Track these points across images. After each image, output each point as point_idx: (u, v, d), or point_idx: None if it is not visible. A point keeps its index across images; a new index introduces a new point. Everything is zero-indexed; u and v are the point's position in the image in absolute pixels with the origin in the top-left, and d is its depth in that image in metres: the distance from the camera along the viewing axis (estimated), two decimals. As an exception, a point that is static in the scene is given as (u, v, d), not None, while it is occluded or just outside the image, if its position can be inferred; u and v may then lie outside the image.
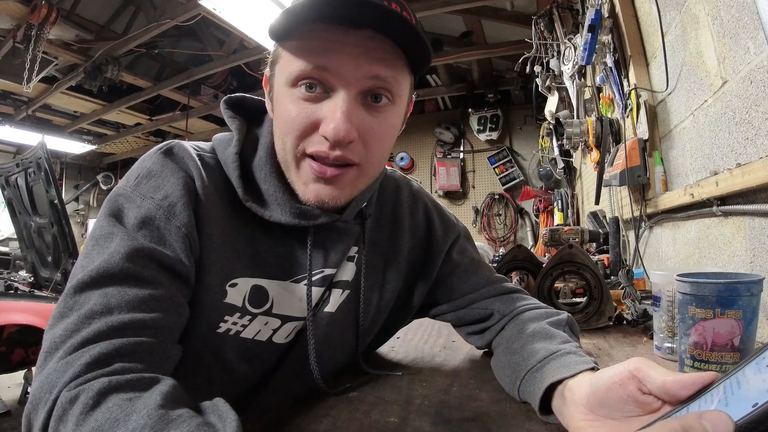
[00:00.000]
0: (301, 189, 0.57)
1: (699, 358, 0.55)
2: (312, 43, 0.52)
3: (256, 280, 0.60)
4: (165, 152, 0.57)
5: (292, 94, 0.55)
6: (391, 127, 0.58)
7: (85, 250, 0.51)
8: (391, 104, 0.56)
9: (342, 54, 0.52)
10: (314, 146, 0.54)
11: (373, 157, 0.58)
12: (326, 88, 0.53)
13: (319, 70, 0.52)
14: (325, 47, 0.52)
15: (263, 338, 0.63)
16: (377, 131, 0.56)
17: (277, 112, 0.58)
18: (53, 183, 2.49)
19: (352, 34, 0.51)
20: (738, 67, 0.93)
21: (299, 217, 0.59)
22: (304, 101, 0.54)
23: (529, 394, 0.54)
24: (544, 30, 2.48)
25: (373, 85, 0.54)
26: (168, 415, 0.36)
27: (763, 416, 0.29)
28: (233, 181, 0.59)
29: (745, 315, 0.54)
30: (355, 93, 0.53)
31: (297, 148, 0.55)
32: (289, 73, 0.54)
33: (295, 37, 0.53)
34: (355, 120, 0.53)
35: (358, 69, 0.52)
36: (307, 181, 0.56)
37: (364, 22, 0.51)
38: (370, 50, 0.52)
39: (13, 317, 2.31)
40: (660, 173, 1.40)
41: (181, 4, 3.09)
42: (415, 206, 0.78)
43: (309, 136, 0.54)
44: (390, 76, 0.54)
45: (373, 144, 0.56)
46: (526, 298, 0.76)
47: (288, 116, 0.55)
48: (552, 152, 3.23)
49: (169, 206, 0.52)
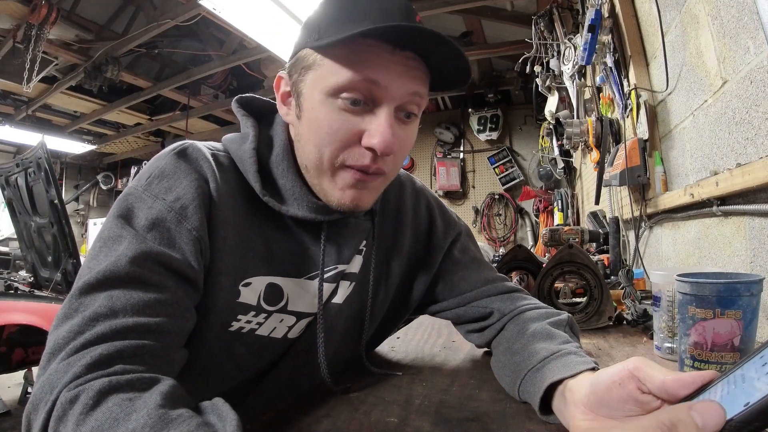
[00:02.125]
0: (337, 194, 0.58)
1: (699, 358, 0.55)
2: (362, 57, 0.53)
3: (271, 278, 0.61)
4: (178, 153, 0.57)
5: (332, 104, 0.55)
6: (413, 139, 0.62)
7: (93, 251, 0.50)
8: (415, 118, 0.60)
9: (389, 71, 0.54)
10: (357, 158, 0.56)
11: (396, 167, 0.62)
12: (370, 100, 0.55)
13: (369, 83, 0.54)
14: (374, 62, 0.54)
15: (279, 335, 0.63)
16: (405, 143, 0.60)
17: (312, 120, 0.57)
18: (53, 183, 2.48)
19: (399, 54, 0.54)
20: (738, 67, 0.93)
21: (316, 211, 0.61)
22: (347, 113, 0.55)
23: (529, 393, 0.54)
24: (544, 30, 2.48)
25: (411, 101, 0.57)
26: (168, 414, 0.36)
27: (753, 415, 0.28)
28: (250, 177, 0.59)
29: (745, 315, 0.54)
30: (395, 108, 0.56)
31: (336, 158, 0.56)
32: (332, 82, 0.54)
33: (341, 48, 0.54)
34: (396, 134, 0.56)
35: (402, 86, 0.55)
36: (344, 186, 0.58)
37: (407, 44, 0.54)
38: (411, 69, 0.56)
39: (13, 317, 2.31)
40: (660, 173, 1.40)
41: (181, 4, 3.09)
42: (417, 203, 0.79)
43: (350, 147, 0.56)
44: (424, 93, 0.58)
45: (400, 155, 0.60)
46: (526, 297, 0.76)
47: (329, 127, 0.56)
48: (552, 152, 3.23)
49: (180, 208, 0.52)
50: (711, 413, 0.28)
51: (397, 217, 0.76)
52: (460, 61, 0.56)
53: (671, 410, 0.31)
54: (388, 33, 0.53)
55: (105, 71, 3.65)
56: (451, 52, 0.54)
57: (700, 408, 0.28)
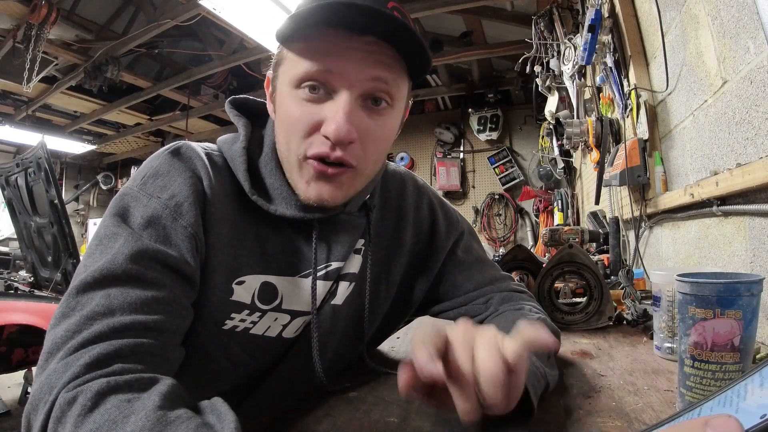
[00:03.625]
0: (302, 188, 0.58)
1: (699, 358, 0.55)
2: (317, 46, 0.54)
3: (265, 276, 0.61)
4: (172, 152, 0.58)
5: (295, 95, 0.56)
6: (389, 130, 0.60)
7: (89, 249, 0.51)
8: (389, 108, 0.58)
9: (346, 57, 0.53)
10: (316, 147, 0.55)
11: (369, 159, 0.59)
12: (329, 89, 0.54)
13: (324, 72, 0.53)
14: (329, 50, 0.53)
15: (273, 334, 0.63)
16: (375, 134, 0.57)
17: (280, 113, 0.58)
18: (53, 183, 2.48)
19: (356, 39, 0.53)
20: (738, 67, 0.93)
21: (303, 210, 0.60)
22: (307, 102, 0.55)
23: None
24: (544, 30, 2.48)
25: (374, 87, 0.55)
26: (166, 416, 0.36)
27: None
28: (240, 176, 0.59)
29: (745, 315, 0.54)
30: (357, 95, 0.54)
31: (299, 149, 0.56)
32: (294, 75, 0.55)
33: (300, 40, 0.55)
34: (356, 121, 0.54)
35: (360, 71, 0.54)
36: (309, 179, 0.57)
37: (367, 29, 0.53)
38: (372, 54, 0.54)
39: (13, 317, 2.31)
40: (660, 173, 1.40)
41: (181, 4, 3.09)
42: (419, 201, 0.78)
43: (311, 136, 0.55)
44: (391, 79, 0.56)
45: (370, 146, 0.57)
46: (529, 300, 0.75)
47: (291, 117, 0.56)
48: (552, 152, 3.23)
49: (175, 206, 0.53)
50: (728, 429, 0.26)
51: (398, 216, 0.75)
52: (414, 41, 0.54)
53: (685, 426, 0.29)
54: (342, 19, 0.52)
55: (105, 71, 3.65)
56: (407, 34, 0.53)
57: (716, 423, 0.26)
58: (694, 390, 0.52)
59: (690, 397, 0.53)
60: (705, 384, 0.52)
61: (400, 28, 0.53)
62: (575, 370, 0.72)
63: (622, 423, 0.51)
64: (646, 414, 0.54)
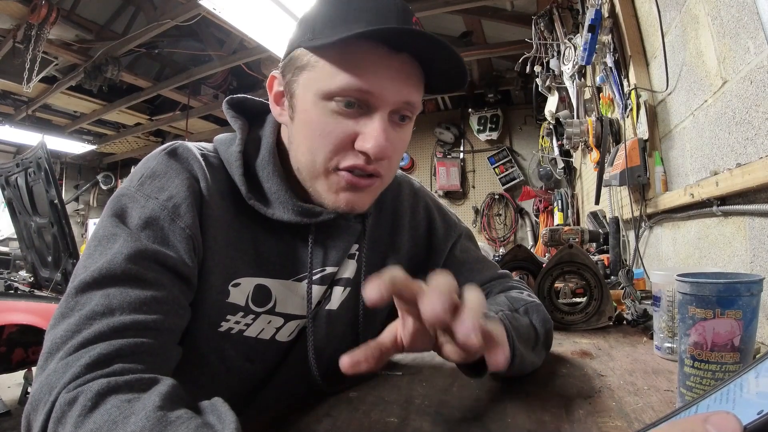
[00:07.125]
0: (331, 197, 0.59)
1: (699, 358, 0.55)
2: (357, 61, 0.53)
3: (259, 279, 0.60)
4: (169, 153, 0.57)
5: (325, 107, 0.55)
6: (407, 140, 0.62)
7: (87, 250, 0.51)
8: (410, 121, 0.60)
9: (386, 78, 0.54)
10: (350, 161, 0.56)
11: (392, 169, 0.62)
12: (363, 105, 0.55)
13: (364, 92, 0.54)
14: (369, 68, 0.53)
15: (266, 337, 0.63)
16: (399, 146, 0.59)
17: (305, 122, 0.57)
18: (53, 183, 2.49)
19: (395, 57, 0.54)
20: (738, 67, 0.93)
21: (301, 214, 0.60)
22: (339, 115, 0.55)
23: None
24: (544, 30, 2.48)
25: (404, 108, 0.57)
26: (167, 417, 0.36)
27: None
28: (236, 179, 0.59)
29: (745, 315, 0.54)
30: (389, 112, 0.56)
31: (330, 162, 0.56)
32: (327, 86, 0.54)
33: (335, 50, 0.53)
34: (390, 138, 0.56)
35: (397, 93, 0.55)
36: (338, 190, 0.58)
37: (403, 47, 0.54)
38: (408, 76, 0.56)
39: (13, 317, 2.32)
40: (660, 173, 1.40)
41: (181, 4, 3.09)
42: (415, 204, 0.78)
43: (344, 151, 0.56)
44: (419, 99, 0.59)
45: (395, 158, 0.60)
46: (525, 289, 0.76)
47: (322, 130, 0.55)
48: (552, 152, 3.23)
49: (173, 207, 0.53)
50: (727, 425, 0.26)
51: (393, 220, 0.75)
52: (456, 63, 0.56)
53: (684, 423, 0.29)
54: (384, 36, 0.52)
55: (105, 71, 3.65)
56: (447, 54, 0.54)
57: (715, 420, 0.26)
58: (694, 390, 0.52)
59: (690, 397, 0.53)
60: (705, 384, 0.52)
61: (434, 46, 0.53)
62: (575, 370, 0.72)
63: (622, 423, 0.51)
64: (646, 414, 0.54)
